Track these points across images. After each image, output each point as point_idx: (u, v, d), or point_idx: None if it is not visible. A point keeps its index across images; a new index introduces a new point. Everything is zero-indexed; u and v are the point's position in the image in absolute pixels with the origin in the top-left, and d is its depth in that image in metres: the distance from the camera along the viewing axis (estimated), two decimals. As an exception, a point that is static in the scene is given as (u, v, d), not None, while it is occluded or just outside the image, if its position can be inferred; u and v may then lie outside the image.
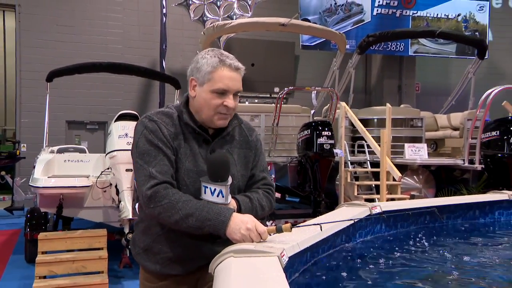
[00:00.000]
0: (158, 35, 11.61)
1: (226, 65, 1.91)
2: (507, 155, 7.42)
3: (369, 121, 8.53)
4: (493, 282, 2.34)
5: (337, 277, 2.10)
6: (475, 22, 14.90)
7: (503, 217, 3.80)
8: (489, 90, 7.76)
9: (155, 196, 1.79)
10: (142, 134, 1.90)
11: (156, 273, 1.96)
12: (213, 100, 1.89)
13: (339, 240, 2.45)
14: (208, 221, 1.74)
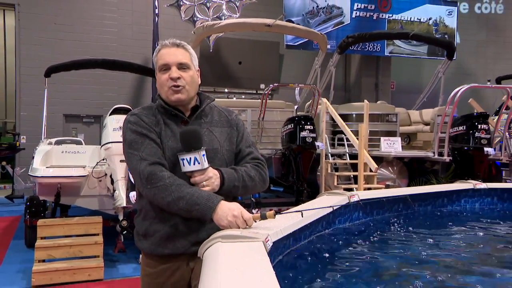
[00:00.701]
0: (151, 34, 11.52)
1: (164, 45, 1.98)
2: (472, 148, 7.51)
3: (348, 116, 8.56)
4: (458, 262, 2.37)
5: (318, 260, 2.10)
6: (445, 25, 15.04)
7: (469, 204, 3.85)
8: (457, 89, 7.82)
9: (152, 178, 1.81)
10: (127, 128, 1.94)
11: (151, 254, 1.96)
12: (161, 77, 1.95)
13: (320, 227, 2.45)
14: (196, 206, 1.75)
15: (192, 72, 1.97)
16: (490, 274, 2.20)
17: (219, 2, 11.85)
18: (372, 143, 7.92)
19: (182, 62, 1.94)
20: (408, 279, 2.04)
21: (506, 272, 2.26)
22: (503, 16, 16.58)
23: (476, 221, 3.45)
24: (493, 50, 16.47)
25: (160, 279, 1.96)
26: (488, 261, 2.47)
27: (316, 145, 7.13)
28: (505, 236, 3.08)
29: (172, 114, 1.96)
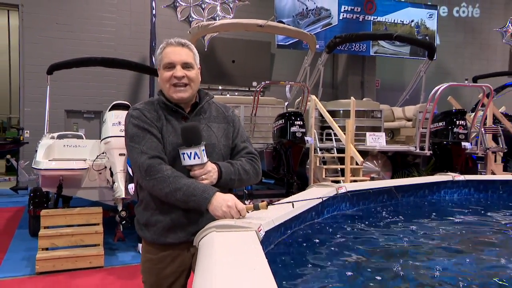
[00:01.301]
0: (148, 33, 11.49)
1: (169, 44, 1.96)
2: (451, 143, 7.58)
3: (336, 112, 8.57)
4: (437, 248, 2.38)
5: (308, 248, 2.10)
6: (426, 27, 15.12)
7: (448, 195, 3.87)
8: (437, 87, 7.85)
9: (151, 170, 1.80)
10: (129, 122, 1.92)
11: (154, 243, 1.95)
12: (165, 75, 1.92)
13: (310, 216, 2.45)
14: (193, 197, 1.74)
15: (195, 71, 1.96)
16: (466, 258, 2.22)
17: (213, 4, 11.82)
18: (358, 138, 7.96)
19: (187, 61, 1.93)
20: (391, 264, 2.05)
21: (479, 255, 2.27)
22: (479, 20, 16.71)
23: (454, 210, 3.47)
24: (470, 51, 16.59)
25: (161, 264, 1.95)
26: (466, 247, 2.49)
27: (306, 139, 7.13)
28: (481, 223, 3.10)
29: (173, 110, 1.94)
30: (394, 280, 1.85)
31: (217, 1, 11.89)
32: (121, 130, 5.82)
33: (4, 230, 6.96)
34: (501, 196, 3.94)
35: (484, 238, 2.74)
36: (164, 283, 1.96)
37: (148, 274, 2.00)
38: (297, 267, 1.85)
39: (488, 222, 3.15)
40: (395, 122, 9.93)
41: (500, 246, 2.51)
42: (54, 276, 4.78)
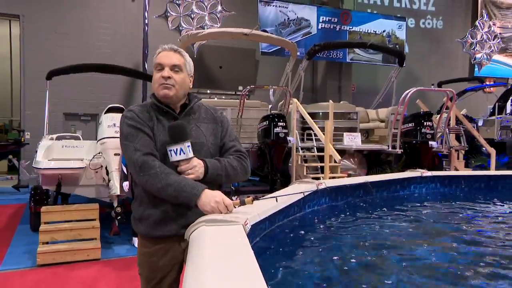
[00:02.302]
0: (141, 41, 11.39)
1: (163, 49, 1.97)
2: (420, 142, 7.66)
3: (315, 114, 8.57)
4: (407, 236, 2.41)
5: (291, 240, 2.10)
6: (396, 37, 15.27)
7: (417, 189, 3.92)
8: (407, 91, 7.93)
9: (144, 166, 1.79)
10: (124, 122, 1.92)
11: (147, 236, 1.94)
12: (155, 75, 1.94)
13: (292, 211, 2.44)
14: (183, 192, 1.73)
15: (183, 75, 1.95)
16: (433, 245, 2.24)
17: (202, 14, 11.78)
18: (336, 138, 7.97)
19: (175, 64, 1.92)
20: (368, 251, 2.06)
21: (444, 242, 2.31)
22: (442, 31, 17.00)
23: (423, 203, 3.52)
24: (435, 59, 16.84)
25: (154, 258, 1.93)
26: (433, 235, 2.52)
27: (288, 139, 7.14)
28: (446, 214, 3.15)
29: (164, 111, 1.94)
30: (371, 267, 1.87)
31: (205, 11, 11.86)
32: (116, 132, 5.79)
33: (7, 225, 6.88)
34: (463, 189, 4.02)
35: (448, 226, 2.77)
36: (157, 276, 1.94)
37: (143, 267, 1.99)
38: (281, 258, 1.85)
39: (452, 212, 3.20)
40: (370, 123, 10.00)
41: (462, 233, 2.55)
42: (54, 268, 4.75)
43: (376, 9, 15.79)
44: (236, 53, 13.11)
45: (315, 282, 1.63)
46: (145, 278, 1.99)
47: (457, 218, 3.03)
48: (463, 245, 2.29)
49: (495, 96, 15.10)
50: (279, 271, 1.64)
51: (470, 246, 2.25)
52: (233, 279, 1.01)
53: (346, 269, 1.83)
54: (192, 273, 1.08)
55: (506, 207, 3.47)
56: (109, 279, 4.44)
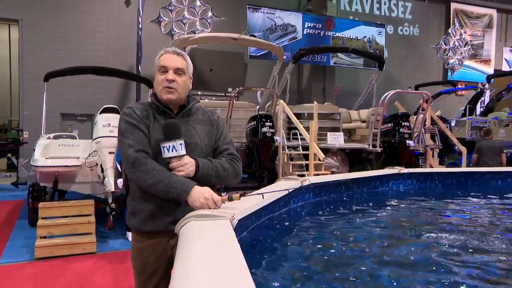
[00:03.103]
0: (135, 45, 11.28)
1: (166, 51, 1.95)
2: (398, 141, 7.74)
3: (301, 115, 8.60)
4: (385, 228, 2.43)
5: (276, 234, 2.10)
6: (376, 43, 15.39)
7: (395, 185, 3.94)
8: (386, 93, 8.00)
9: (136, 163, 1.78)
10: (122, 118, 1.90)
11: (138, 230, 1.91)
12: (158, 77, 1.91)
13: (278, 206, 2.43)
14: (174, 189, 1.72)
15: (186, 78, 1.93)
16: (409, 237, 2.27)
17: (193, 19, 11.76)
18: (320, 137, 7.99)
19: (179, 67, 1.90)
20: (348, 244, 2.07)
21: (418, 232, 2.33)
22: (418, 37, 17.21)
23: (400, 198, 3.55)
24: (412, 64, 17.02)
25: (145, 253, 1.91)
26: (407, 226, 2.55)
27: (275, 139, 7.15)
28: (421, 207, 3.19)
29: (162, 111, 1.92)
30: (352, 259, 1.88)
31: (196, 17, 11.83)
32: (111, 131, 5.76)
33: (6, 220, 6.81)
34: (437, 185, 4.06)
35: (424, 219, 2.81)
36: (147, 270, 1.93)
37: (135, 261, 1.97)
38: (267, 251, 1.85)
39: (427, 206, 3.24)
40: (352, 124, 10.06)
41: (435, 225, 2.58)
42: (51, 261, 4.73)
43: (357, 16, 15.89)
44: (226, 56, 13.08)
45: (297, 274, 1.63)
46: (137, 271, 1.97)
47: (431, 211, 3.07)
48: (434, 233, 2.32)
49: (466, 98, 15.37)
50: (264, 263, 1.64)
51: (441, 235, 2.28)
52: (219, 271, 1.01)
53: (327, 260, 1.84)
54: (181, 265, 1.07)
55: (475, 200, 3.53)
56: (104, 272, 4.41)
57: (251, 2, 13.48)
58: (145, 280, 1.94)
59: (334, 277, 1.65)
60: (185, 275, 0.97)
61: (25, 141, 10.21)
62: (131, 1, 12.31)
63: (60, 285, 4.05)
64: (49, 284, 4.07)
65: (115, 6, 12.28)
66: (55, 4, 11.60)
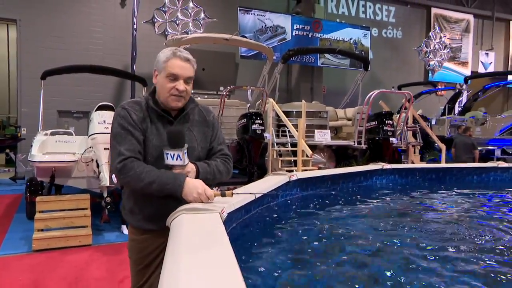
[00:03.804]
0: (130, 45, 11.16)
1: (177, 56, 1.80)
2: (382, 138, 7.80)
3: (289, 113, 8.61)
4: (367, 220, 2.44)
5: (264, 227, 2.10)
6: (362, 44, 15.45)
7: (378, 180, 3.96)
8: (371, 93, 8.05)
9: (123, 169, 1.70)
10: (116, 120, 1.80)
11: (139, 228, 1.89)
12: (167, 84, 1.79)
13: (266, 200, 2.43)
14: (167, 185, 1.66)
15: (191, 85, 1.87)
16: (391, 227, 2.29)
17: (186, 20, 11.68)
18: (308, 134, 8.01)
19: (190, 76, 1.83)
20: (334, 235, 2.08)
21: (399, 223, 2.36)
22: (401, 40, 17.34)
23: (383, 192, 3.58)
24: (395, 65, 17.14)
25: (143, 244, 1.90)
26: (390, 218, 2.57)
27: (264, 136, 7.15)
28: (402, 201, 3.22)
29: (160, 115, 1.83)
30: (337, 252, 1.89)
31: (189, 18, 11.76)
32: (106, 128, 5.77)
33: (4, 214, 6.75)
34: (418, 180, 4.10)
35: (405, 212, 2.84)
36: (144, 261, 1.90)
37: (132, 251, 1.95)
38: (255, 243, 1.85)
39: (408, 199, 3.27)
40: (338, 121, 10.10)
41: (415, 216, 2.61)
42: (48, 253, 4.71)
43: (344, 19, 15.94)
44: (218, 56, 13.02)
45: (284, 265, 1.64)
46: (133, 262, 1.95)
47: (412, 204, 3.10)
48: (414, 224, 2.35)
49: (445, 98, 15.54)
50: (252, 255, 1.64)
51: (420, 226, 2.31)
52: (208, 262, 1.01)
53: (315, 252, 1.84)
54: (171, 256, 1.07)
55: (453, 193, 3.58)
56: (100, 263, 4.40)
57: (242, 4, 13.43)
58: (141, 269, 1.92)
59: (321, 266, 1.65)
60: (175, 268, 0.96)
61: (23, 137, 10.09)
62: (126, 2, 12.18)
63: (57, 276, 4.02)
64: (46, 275, 4.04)
65: (110, 7, 12.15)
66: (53, 4, 11.44)
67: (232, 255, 1.04)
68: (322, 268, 1.63)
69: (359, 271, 1.62)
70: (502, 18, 19.60)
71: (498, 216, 2.79)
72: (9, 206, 7.42)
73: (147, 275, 1.91)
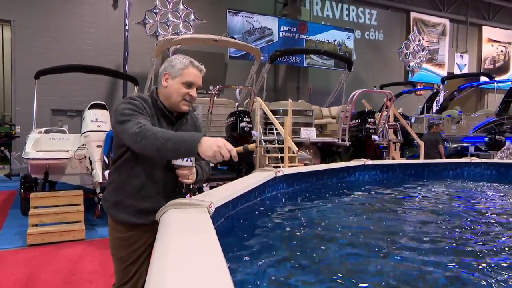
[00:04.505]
0: (122, 45, 11.03)
1: (195, 66, 1.86)
2: (364, 136, 7.86)
3: (276, 111, 8.59)
4: (350, 213, 2.46)
5: (252, 221, 2.10)
6: (345, 46, 15.55)
7: (361, 176, 4.01)
8: (354, 92, 8.10)
9: (141, 132, 1.59)
10: (128, 104, 1.73)
11: (125, 222, 1.81)
12: (182, 89, 1.81)
13: (253, 195, 2.43)
14: (183, 143, 1.53)
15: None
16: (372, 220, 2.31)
17: (176, 22, 11.60)
18: (294, 132, 8.01)
19: (200, 85, 1.89)
20: (318, 228, 2.09)
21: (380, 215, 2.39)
22: (383, 42, 17.51)
23: (364, 187, 3.62)
24: (377, 66, 17.31)
25: (130, 241, 1.83)
26: (371, 211, 2.60)
27: (252, 133, 7.14)
28: (383, 194, 3.26)
29: (164, 114, 1.85)
30: (321, 244, 1.90)
31: (179, 19, 11.67)
32: (98, 126, 5.73)
33: (0, 210, 6.63)
34: (398, 175, 4.16)
35: (385, 204, 2.87)
36: (132, 256, 1.83)
37: (117, 249, 1.86)
38: (242, 237, 1.85)
39: (389, 193, 3.31)
40: (323, 120, 10.13)
41: (395, 209, 2.64)
42: (42, 248, 4.66)
43: (328, 22, 16.00)
44: (207, 56, 12.92)
45: (269, 257, 1.64)
46: (119, 259, 1.86)
47: (391, 198, 3.14)
48: (394, 216, 2.38)
49: (424, 98, 15.75)
50: (239, 248, 1.63)
51: (400, 217, 2.34)
52: (195, 256, 1.00)
53: (299, 245, 1.85)
54: (159, 250, 1.06)
55: (430, 187, 3.64)
56: (93, 257, 4.36)
57: (231, 7, 13.38)
58: (127, 267, 1.85)
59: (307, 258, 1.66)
60: (163, 263, 0.95)
61: (17, 135, 9.98)
62: (118, 4, 12.05)
63: (51, 270, 3.98)
64: (41, 269, 4.00)
65: (103, 8, 12.01)
66: (46, 6, 11.26)
67: (218, 248, 1.03)
68: (308, 260, 1.63)
69: (343, 263, 1.63)
70: (475, 23, 20.02)
71: (470, 206, 2.85)
72: (4, 202, 7.30)
73: (132, 272, 1.84)
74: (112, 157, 1.93)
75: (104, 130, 5.70)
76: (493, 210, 2.80)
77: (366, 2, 16.87)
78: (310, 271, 1.51)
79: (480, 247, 1.82)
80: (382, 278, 1.44)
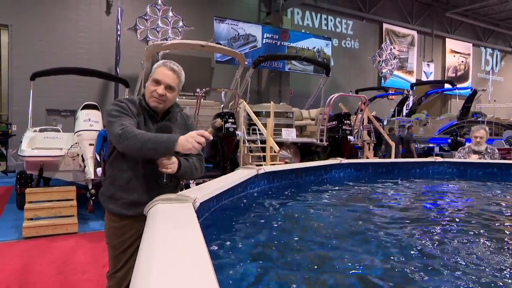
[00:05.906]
0: (114, 49, 10.91)
1: (164, 65, 1.88)
2: (341, 136, 7.97)
3: (259, 113, 8.63)
4: (328, 206, 2.50)
5: (234, 216, 2.11)
6: (324, 53, 15.74)
7: (337, 174, 4.04)
8: (331, 96, 8.21)
9: (124, 133, 1.66)
10: (115, 106, 1.80)
11: (118, 214, 1.86)
12: (150, 86, 1.87)
13: (237, 191, 2.43)
14: (161, 143, 1.62)
15: (175, 93, 1.90)
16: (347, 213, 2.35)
17: (166, 28, 11.54)
18: (276, 132, 8.07)
19: (171, 85, 1.86)
20: (297, 223, 2.12)
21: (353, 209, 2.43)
22: (358, 50, 17.81)
23: (340, 184, 3.66)
24: (353, 72, 17.58)
25: (122, 230, 1.88)
26: (346, 205, 2.65)
27: (237, 133, 7.15)
28: (356, 190, 3.32)
29: (150, 114, 1.88)
30: (300, 235, 1.92)
31: (169, 26, 11.58)
32: (91, 125, 5.75)
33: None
34: (370, 173, 4.23)
35: (359, 199, 2.92)
36: (123, 245, 1.89)
37: (111, 237, 1.92)
38: (225, 231, 1.85)
39: (362, 189, 3.38)
40: (303, 121, 10.21)
41: (368, 203, 2.70)
42: (37, 240, 4.61)
43: (308, 30, 16.15)
44: (195, 61, 12.87)
45: (250, 248, 1.65)
46: (112, 247, 1.93)
47: (364, 193, 3.20)
48: (368, 210, 2.43)
49: (395, 102, 16.08)
50: (222, 242, 1.64)
51: (371, 210, 2.40)
52: (179, 249, 1.01)
53: (279, 236, 1.87)
54: (146, 243, 1.06)
55: (399, 184, 3.72)
56: (85, 249, 4.32)
57: (218, 14, 13.35)
58: (119, 254, 1.89)
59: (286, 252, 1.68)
60: (149, 255, 0.96)
61: (13, 134, 9.80)
62: (111, 10, 11.89)
63: (46, 261, 3.93)
64: (35, 260, 3.95)
65: (96, 14, 11.85)
66: (43, 11, 11.05)
67: (202, 241, 1.04)
68: (287, 249, 1.66)
69: (320, 253, 1.66)
70: (439, 35, 20.65)
71: (436, 201, 2.95)
72: (0, 197, 7.18)
73: (123, 260, 1.89)
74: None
75: (96, 129, 5.64)
76: (453, 205, 2.90)
77: (343, 13, 17.11)
78: (289, 261, 1.53)
79: (439, 235, 1.89)
80: (354, 266, 1.48)
